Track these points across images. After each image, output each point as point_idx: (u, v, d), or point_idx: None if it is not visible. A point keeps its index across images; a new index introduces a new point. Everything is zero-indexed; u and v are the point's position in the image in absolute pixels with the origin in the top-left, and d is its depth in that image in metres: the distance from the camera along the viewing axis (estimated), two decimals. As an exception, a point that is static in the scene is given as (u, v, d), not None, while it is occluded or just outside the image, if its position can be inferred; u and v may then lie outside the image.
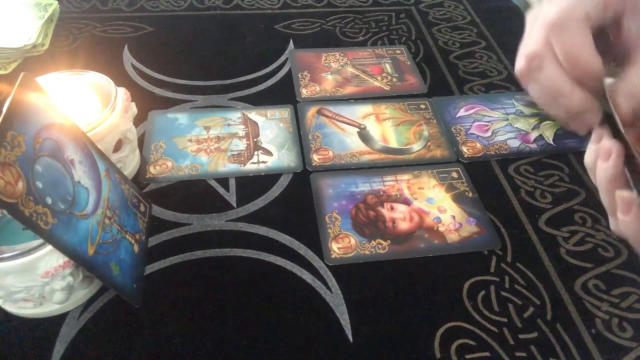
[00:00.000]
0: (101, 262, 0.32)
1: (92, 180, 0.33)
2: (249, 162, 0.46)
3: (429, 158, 0.47)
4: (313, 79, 0.56)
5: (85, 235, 0.31)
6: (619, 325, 0.36)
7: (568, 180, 0.46)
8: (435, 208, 0.43)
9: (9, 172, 0.26)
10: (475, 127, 0.51)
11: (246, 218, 0.41)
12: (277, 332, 0.34)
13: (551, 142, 0.49)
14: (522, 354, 0.34)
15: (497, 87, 0.56)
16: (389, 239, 0.40)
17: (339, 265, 0.38)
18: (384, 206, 0.43)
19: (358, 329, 0.35)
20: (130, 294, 0.34)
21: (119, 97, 0.40)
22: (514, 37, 0.68)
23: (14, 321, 0.34)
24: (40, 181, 0.28)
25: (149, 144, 0.47)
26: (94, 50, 0.57)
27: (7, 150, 0.26)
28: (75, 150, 0.32)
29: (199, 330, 0.34)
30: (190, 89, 0.53)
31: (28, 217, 0.26)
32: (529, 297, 0.37)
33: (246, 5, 0.67)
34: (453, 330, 0.35)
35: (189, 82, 0.54)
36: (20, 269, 0.31)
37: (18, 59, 0.54)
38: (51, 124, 0.31)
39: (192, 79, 0.55)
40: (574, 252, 0.40)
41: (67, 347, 0.33)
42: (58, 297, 0.33)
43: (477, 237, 0.41)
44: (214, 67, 0.56)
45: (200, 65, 0.57)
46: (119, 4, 0.65)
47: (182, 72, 0.55)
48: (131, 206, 0.38)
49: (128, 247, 0.36)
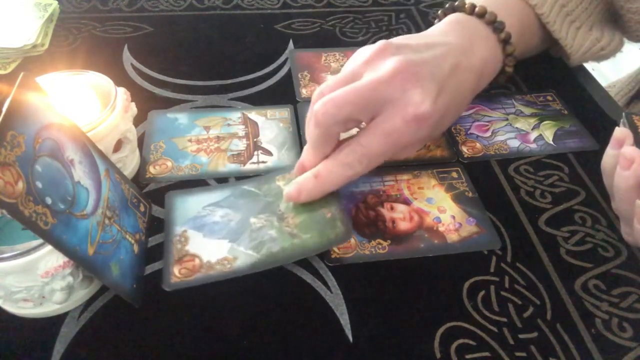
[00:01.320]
0: (101, 262, 0.32)
1: (92, 181, 0.33)
2: (249, 162, 0.46)
3: (429, 158, 0.47)
4: (313, 78, 0.56)
5: (85, 236, 0.31)
6: (619, 325, 0.36)
7: (568, 180, 0.46)
8: (435, 208, 0.43)
9: (8, 172, 0.26)
10: (475, 127, 0.51)
11: (246, 218, 0.41)
12: (277, 332, 0.34)
13: (551, 142, 0.49)
14: (522, 353, 0.34)
15: (497, 87, 0.56)
16: (389, 239, 0.40)
17: (339, 265, 0.38)
18: (383, 206, 0.43)
19: (358, 329, 0.35)
20: (130, 294, 0.34)
21: (118, 97, 0.40)
22: (514, 37, 0.67)
23: (14, 321, 0.34)
24: (40, 181, 0.28)
25: (148, 144, 0.47)
26: (94, 50, 0.57)
27: (7, 150, 0.26)
28: (75, 150, 0.32)
29: (199, 330, 0.34)
30: (190, 89, 0.54)
31: (28, 217, 0.26)
32: (529, 297, 0.37)
33: (246, 5, 0.67)
34: (453, 330, 0.35)
35: (189, 82, 0.54)
36: (20, 269, 0.31)
37: (18, 59, 0.54)
38: (51, 123, 0.31)
39: (192, 79, 0.55)
40: (574, 252, 0.40)
41: (67, 347, 0.33)
42: (58, 297, 0.33)
43: (477, 237, 0.41)
44: (214, 67, 0.56)
45: (200, 65, 0.57)
46: (119, 4, 0.65)
47: (181, 72, 0.55)
48: (131, 206, 0.38)
49: (128, 247, 0.36)
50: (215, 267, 0.37)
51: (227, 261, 0.37)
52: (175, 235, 0.39)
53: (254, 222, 0.40)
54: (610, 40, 0.56)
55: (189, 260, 0.37)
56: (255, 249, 0.38)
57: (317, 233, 0.38)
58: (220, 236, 0.39)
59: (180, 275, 0.37)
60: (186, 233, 0.39)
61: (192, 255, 0.38)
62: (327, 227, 0.39)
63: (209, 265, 0.37)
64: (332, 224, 0.39)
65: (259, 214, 0.41)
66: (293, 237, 0.39)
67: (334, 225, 0.39)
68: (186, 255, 0.38)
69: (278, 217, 0.40)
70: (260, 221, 0.40)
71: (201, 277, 0.37)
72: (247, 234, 0.39)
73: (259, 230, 0.39)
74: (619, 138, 0.37)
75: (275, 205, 0.41)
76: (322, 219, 0.39)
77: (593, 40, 0.54)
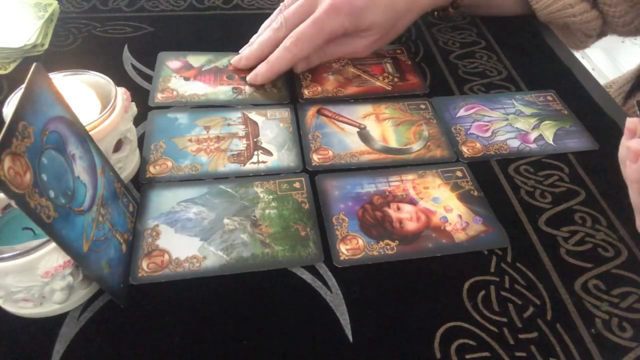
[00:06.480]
0: (94, 260, 0.32)
1: (90, 177, 0.33)
2: (249, 162, 0.46)
3: (429, 158, 0.47)
4: (315, 79, 0.56)
5: (81, 232, 0.31)
6: (619, 325, 0.36)
7: (568, 180, 0.46)
8: (441, 207, 0.43)
9: (18, 163, 0.26)
10: (475, 127, 0.51)
11: (246, 218, 0.41)
12: (277, 332, 0.34)
13: (551, 142, 0.50)
14: (522, 354, 0.34)
15: (497, 87, 0.56)
16: (397, 240, 0.40)
17: (346, 267, 0.38)
18: (390, 207, 0.42)
19: (358, 329, 0.35)
20: (118, 294, 0.34)
21: (118, 97, 0.40)
22: (514, 37, 0.68)
23: (14, 321, 0.34)
24: (45, 174, 0.28)
25: (149, 144, 0.47)
26: (94, 50, 0.57)
27: (18, 140, 0.26)
28: (77, 145, 0.32)
29: (199, 330, 0.34)
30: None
31: (33, 209, 0.26)
32: (529, 297, 0.37)
33: (246, 5, 0.67)
34: (453, 330, 0.35)
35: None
36: (20, 269, 0.31)
37: (18, 59, 0.54)
38: (58, 116, 0.31)
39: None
40: (574, 252, 0.40)
41: (67, 347, 0.33)
42: (58, 297, 0.33)
43: (484, 236, 0.41)
44: (214, 67, 0.56)
45: (200, 65, 0.57)
46: (119, 4, 0.65)
47: (182, 72, 0.55)
48: (121, 206, 0.38)
49: (117, 246, 0.36)
50: (183, 264, 0.37)
51: (197, 260, 0.37)
52: (147, 228, 0.39)
53: (227, 223, 0.40)
54: (583, 11, 0.60)
55: (157, 255, 0.37)
56: (226, 251, 0.38)
57: (289, 247, 0.39)
58: (192, 233, 0.39)
59: (148, 270, 0.36)
60: (158, 227, 0.39)
61: (162, 250, 0.38)
62: (299, 245, 0.39)
63: (178, 263, 0.37)
64: (305, 242, 0.39)
65: (233, 216, 0.40)
66: (265, 246, 0.38)
67: (306, 244, 0.39)
68: (156, 250, 0.38)
69: (252, 222, 0.40)
70: (234, 223, 0.40)
71: (169, 274, 0.36)
72: (219, 234, 0.39)
73: (232, 232, 0.39)
74: (631, 129, 0.37)
75: (251, 210, 0.41)
76: (296, 235, 0.39)
77: (565, 5, 0.59)
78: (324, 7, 0.50)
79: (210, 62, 0.57)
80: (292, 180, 0.44)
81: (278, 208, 0.41)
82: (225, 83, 0.54)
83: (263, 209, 0.41)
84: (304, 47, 0.51)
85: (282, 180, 0.44)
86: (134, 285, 0.36)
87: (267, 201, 0.42)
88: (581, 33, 0.65)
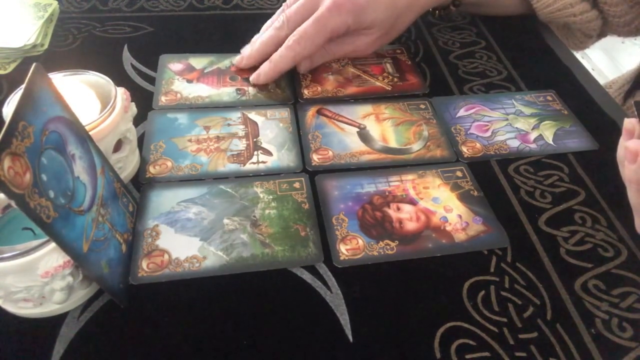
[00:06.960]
0: (94, 260, 0.32)
1: (90, 177, 0.33)
2: (249, 162, 0.46)
3: (429, 158, 0.47)
4: (315, 79, 0.56)
5: (80, 232, 0.31)
6: (619, 325, 0.36)
7: (568, 180, 0.46)
8: (441, 207, 0.43)
9: (18, 163, 0.26)
10: (475, 127, 0.51)
11: (246, 218, 0.41)
12: (276, 332, 0.34)
13: (551, 142, 0.50)
14: (522, 354, 0.34)
15: (497, 87, 0.56)
16: (396, 240, 0.40)
17: (346, 267, 0.38)
18: (390, 207, 0.42)
19: (358, 329, 0.35)
20: (118, 294, 0.34)
21: (118, 97, 0.40)
22: (514, 37, 0.68)
23: (14, 321, 0.34)
24: (45, 174, 0.28)
25: (148, 144, 0.47)
26: (94, 50, 0.57)
27: (18, 140, 0.26)
28: (76, 145, 0.32)
29: (199, 330, 0.34)
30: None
31: (32, 209, 0.26)
32: (529, 297, 0.37)
33: (246, 5, 0.67)
34: (453, 330, 0.35)
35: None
36: (20, 269, 0.31)
37: (18, 59, 0.54)
38: (58, 116, 0.31)
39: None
40: (574, 252, 0.40)
41: (67, 347, 0.33)
42: (58, 297, 0.33)
43: (484, 236, 0.41)
44: (214, 67, 0.56)
45: (200, 65, 0.57)
46: (119, 4, 0.65)
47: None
48: (121, 205, 0.38)
49: (117, 246, 0.36)
50: (183, 264, 0.37)
51: (197, 260, 0.37)
52: (147, 228, 0.39)
53: (227, 223, 0.40)
54: (583, 11, 0.60)
55: (157, 255, 0.37)
56: (226, 251, 0.38)
57: (289, 247, 0.39)
58: (192, 234, 0.39)
59: (148, 269, 0.36)
60: (158, 227, 0.39)
61: (162, 250, 0.38)
62: (299, 245, 0.39)
63: (178, 263, 0.37)
64: (304, 242, 0.39)
65: (233, 216, 0.40)
66: (264, 246, 0.38)
67: (306, 244, 0.39)
68: (155, 250, 0.38)
69: (252, 222, 0.40)
70: (234, 223, 0.40)
71: (169, 274, 0.36)
72: (218, 234, 0.39)
73: (231, 232, 0.39)
74: (629, 129, 0.37)
75: (251, 211, 0.41)
76: (295, 235, 0.39)
77: (565, 4, 0.59)
78: (327, 5, 0.50)
79: (213, 63, 0.57)
80: (292, 181, 0.44)
81: (278, 208, 0.41)
82: (229, 84, 0.54)
83: (263, 209, 0.41)
84: (306, 45, 0.51)
85: (282, 181, 0.44)
86: (133, 285, 0.36)
87: (267, 201, 0.42)
88: (581, 33, 0.65)
